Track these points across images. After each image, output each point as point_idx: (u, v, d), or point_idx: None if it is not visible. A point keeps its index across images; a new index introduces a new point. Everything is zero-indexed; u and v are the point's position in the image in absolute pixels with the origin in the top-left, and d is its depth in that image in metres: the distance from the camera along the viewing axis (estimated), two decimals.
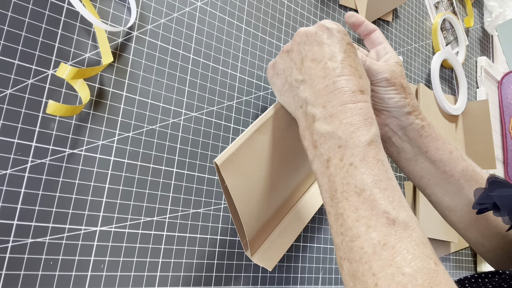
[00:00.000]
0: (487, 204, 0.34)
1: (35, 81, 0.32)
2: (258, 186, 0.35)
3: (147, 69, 0.38)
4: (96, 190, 0.34)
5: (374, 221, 0.24)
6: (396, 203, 0.25)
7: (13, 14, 0.31)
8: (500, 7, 0.92)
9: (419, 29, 0.75)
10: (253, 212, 0.36)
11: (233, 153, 0.31)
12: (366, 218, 0.24)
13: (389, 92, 0.37)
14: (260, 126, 0.33)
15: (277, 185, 0.38)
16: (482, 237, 0.39)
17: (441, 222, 0.63)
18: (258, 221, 0.37)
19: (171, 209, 0.38)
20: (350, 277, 0.24)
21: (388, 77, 0.36)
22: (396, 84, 0.37)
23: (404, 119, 0.38)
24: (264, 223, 0.39)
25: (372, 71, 0.36)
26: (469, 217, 0.38)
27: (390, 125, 0.38)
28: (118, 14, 0.37)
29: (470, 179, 0.38)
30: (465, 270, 0.72)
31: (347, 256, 0.24)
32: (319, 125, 0.28)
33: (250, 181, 0.34)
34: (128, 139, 0.36)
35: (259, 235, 0.40)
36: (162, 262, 0.36)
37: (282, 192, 0.40)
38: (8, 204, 0.30)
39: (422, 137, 0.38)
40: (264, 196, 0.36)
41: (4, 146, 0.30)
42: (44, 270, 0.30)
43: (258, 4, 0.48)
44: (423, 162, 0.39)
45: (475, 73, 0.88)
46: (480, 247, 0.40)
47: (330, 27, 0.30)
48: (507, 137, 0.87)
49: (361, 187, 0.25)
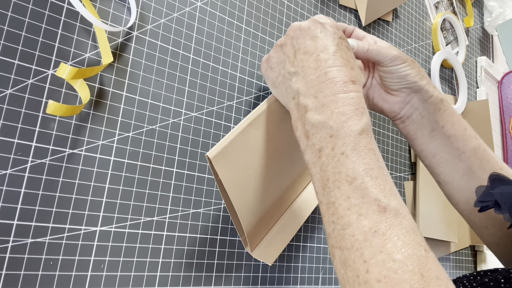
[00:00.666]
0: (488, 202, 0.34)
1: (35, 81, 0.32)
2: (253, 179, 0.35)
3: (147, 69, 0.38)
4: (96, 190, 0.34)
5: (365, 209, 0.24)
6: (387, 191, 0.25)
7: (13, 14, 0.31)
8: (500, 7, 0.92)
9: (419, 29, 0.75)
10: (249, 206, 0.36)
11: (226, 146, 0.31)
12: (358, 206, 0.24)
13: (405, 68, 0.38)
14: (253, 120, 0.33)
15: (272, 179, 0.38)
16: (487, 219, 0.39)
17: (441, 222, 0.63)
18: (255, 215, 0.37)
19: (171, 209, 0.38)
20: (341, 264, 0.24)
21: (399, 54, 0.38)
22: (407, 60, 0.38)
23: (424, 92, 0.39)
24: (261, 218, 0.39)
25: (382, 53, 0.38)
26: (475, 198, 0.39)
27: (412, 101, 0.40)
28: (118, 14, 0.37)
29: (481, 158, 0.39)
30: (465, 270, 0.72)
31: (338, 244, 0.25)
32: (311, 115, 0.28)
33: (244, 175, 0.34)
34: (128, 139, 0.36)
35: (258, 231, 0.40)
36: (162, 262, 0.36)
37: (279, 187, 0.40)
38: (8, 204, 0.30)
39: (441, 111, 0.39)
40: (259, 190, 0.36)
41: (4, 146, 0.30)
42: (44, 270, 0.30)
43: (258, 4, 0.48)
44: (439, 138, 0.40)
45: (475, 73, 0.88)
46: (483, 230, 0.40)
47: (323, 22, 0.31)
48: (507, 137, 0.87)
49: (353, 176, 0.25)
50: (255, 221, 0.38)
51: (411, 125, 0.41)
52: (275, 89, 0.33)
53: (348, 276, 0.24)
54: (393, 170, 0.62)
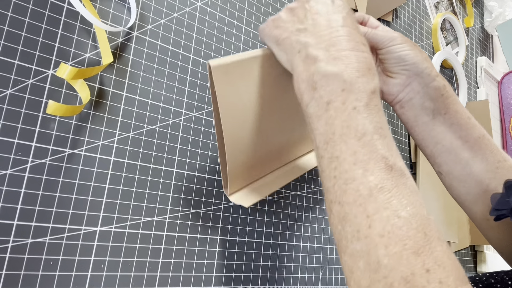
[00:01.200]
0: (504, 210, 0.33)
1: (35, 81, 0.32)
2: (248, 117, 0.34)
3: (147, 69, 0.38)
4: (96, 190, 0.34)
5: (372, 165, 0.24)
6: (394, 151, 0.25)
7: (13, 14, 0.31)
8: (500, 7, 0.92)
9: (419, 29, 0.75)
10: (239, 142, 0.35)
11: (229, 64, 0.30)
12: (364, 162, 0.24)
13: (404, 48, 0.38)
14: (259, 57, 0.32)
15: (268, 131, 0.37)
16: (489, 210, 0.39)
17: (441, 222, 0.63)
18: (242, 155, 0.36)
19: (171, 209, 0.38)
20: (339, 220, 0.24)
21: (397, 35, 0.38)
22: (407, 41, 0.38)
23: (426, 76, 0.38)
24: (249, 164, 0.38)
25: (380, 35, 0.37)
26: (478, 188, 0.38)
27: (412, 85, 0.39)
28: (118, 14, 0.37)
29: (484, 147, 0.38)
30: (465, 270, 0.72)
31: (338, 199, 0.24)
32: (322, 65, 0.27)
33: (240, 105, 0.33)
34: (128, 139, 0.36)
35: (242, 176, 0.39)
36: (162, 262, 0.36)
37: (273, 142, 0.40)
38: (8, 204, 0.30)
39: (443, 97, 0.38)
40: (253, 131, 0.36)
41: (4, 146, 0.30)
42: (44, 270, 0.30)
43: (258, 4, 0.48)
44: (440, 125, 0.39)
45: (475, 73, 0.88)
46: (484, 222, 0.39)
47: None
48: (507, 137, 0.87)
49: (362, 131, 0.25)
50: (241, 162, 0.37)
51: (411, 110, 0.40)
52: (277, 46, 0.32)
53: (346, 232, 0.23)
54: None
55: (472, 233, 0.71)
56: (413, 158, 0.66)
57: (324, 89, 0.26)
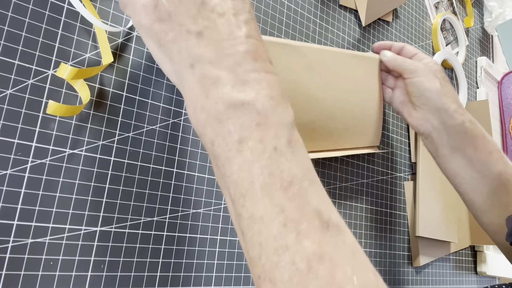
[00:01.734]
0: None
1: (35, 81, 0.32)
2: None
3: (147, 69, 0.38)
4: (96, 190, 0.34)
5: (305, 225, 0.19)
6: (326, 200, 0.21)
7: (13, 14, 0.31)
8: (500, 7, 0.92)
9: (419, 29, 0.75)
10: None
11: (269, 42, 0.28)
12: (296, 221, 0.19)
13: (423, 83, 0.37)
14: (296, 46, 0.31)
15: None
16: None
17: (441, 222, 0.63)
18: None
19: (171, 209, 0.38)
20: None
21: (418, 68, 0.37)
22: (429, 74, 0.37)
23: (443, 112, 0.38)
24: None
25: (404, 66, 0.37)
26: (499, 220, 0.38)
27: (431, 120, 0.39)
28: (118, 14, 0.37)
29: (506, 182, 0.37)
30: (465, 271, 0.72)
31: (269, 276, 0.19)
32: (227, 91, 0.21)
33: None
34: (128, 139, 0.36)
35: None
36: (162, 263, 0.36)
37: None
38: (8, 204, 0.30)
39: (461, 133, 0.38)
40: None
41: (4, 146, 0.30)
42: (44, 270, 0.30)
43: (258, 4, 0.48)
44: (460, 159, 0.39)
45: (475, 73, 0.88)
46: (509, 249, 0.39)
47: None
48: (507, 137, 0.87)
49: (289, 179, 0.20)
50: None
51: (432, 143, 0.40)
52: (159, 48, 0.24)
53: None
54: (393, 170, 0.62)
55: (472, 233, 0.71)
56: (413, 158, 0.66)
57: (233, 122, 0.20)
